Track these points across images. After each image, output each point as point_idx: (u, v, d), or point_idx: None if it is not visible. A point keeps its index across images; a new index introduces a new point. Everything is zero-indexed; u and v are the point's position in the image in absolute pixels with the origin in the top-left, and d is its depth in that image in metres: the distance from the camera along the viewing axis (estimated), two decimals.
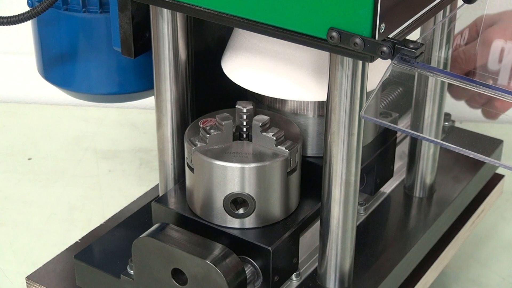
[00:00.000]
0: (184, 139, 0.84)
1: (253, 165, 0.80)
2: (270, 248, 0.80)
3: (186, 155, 0.84)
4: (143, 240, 0.82)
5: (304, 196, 0.87)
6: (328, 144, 0.77)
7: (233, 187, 0.80)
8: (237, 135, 0.83)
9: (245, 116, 0.82)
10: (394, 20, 0.70)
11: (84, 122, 1.40)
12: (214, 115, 0.85)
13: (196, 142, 0.82)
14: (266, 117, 0.82)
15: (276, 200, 0.82)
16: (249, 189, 0.80)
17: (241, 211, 0.82)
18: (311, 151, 0.89)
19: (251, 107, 0.83)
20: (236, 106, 0.83)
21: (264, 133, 0.81)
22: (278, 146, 0.81)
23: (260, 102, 0.89)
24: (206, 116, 0.86)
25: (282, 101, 0.88)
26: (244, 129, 0.83)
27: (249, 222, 0.82)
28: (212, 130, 0.82)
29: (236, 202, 0.82)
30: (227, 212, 0.82)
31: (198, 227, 0.83)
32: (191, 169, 0.83)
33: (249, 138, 0.83)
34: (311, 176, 0.87)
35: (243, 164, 0.80)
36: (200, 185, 0.82)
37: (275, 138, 0.81)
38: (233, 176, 0.80)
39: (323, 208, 0.81)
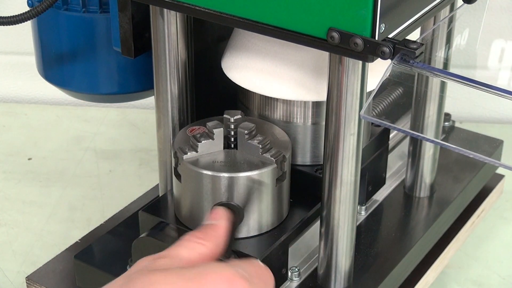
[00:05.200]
0: (172, 148, 0.83)
1: (238, 174, 0.79)
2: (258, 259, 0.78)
3: (173, 164, 0.83)
4: (143, 240, 0.81)
5: (294, 205, 0.86)
6: (328, 144, 0.77)
7: (220, 196, 0.79)
8: (226, 144, 0.82)
9: (233, 126, 0.81)
10: (394, 20, 0.70)
11: (84, 122, 1.40)
12: (202, 123, 0.84)
13: (186, 151, 0.81)
14: (251, 125, 0.81)
15: (263, 209, 0.81)
16: (237, 199, 0.79)
17: None
18: (302, 160, 0.88)
19: (239, 116, 0.82)
20: (224, 116, 0.82)
21: (249, 141, 0.80)
22: (264, 154, 0.80)
23: (249, 109, 0.89)
24: (193, 124, 0.86)
25: (272, 109, 0.87)
26: (232, 139, 0.82)
27: (238, 232, 0.80)
28: (202, 138, 0.81)
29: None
30: None
31: None
32: (178, 178, 0.82)
33: (237, 147, 0.82)
34: (302, 185, 0.87)
35: (229, 174, 0.79)
36: (187, 194, 0.82)
37: (260, 146, 0.80)
38: (219, 185, 0.79)
39: (323, 208, 0.81)
